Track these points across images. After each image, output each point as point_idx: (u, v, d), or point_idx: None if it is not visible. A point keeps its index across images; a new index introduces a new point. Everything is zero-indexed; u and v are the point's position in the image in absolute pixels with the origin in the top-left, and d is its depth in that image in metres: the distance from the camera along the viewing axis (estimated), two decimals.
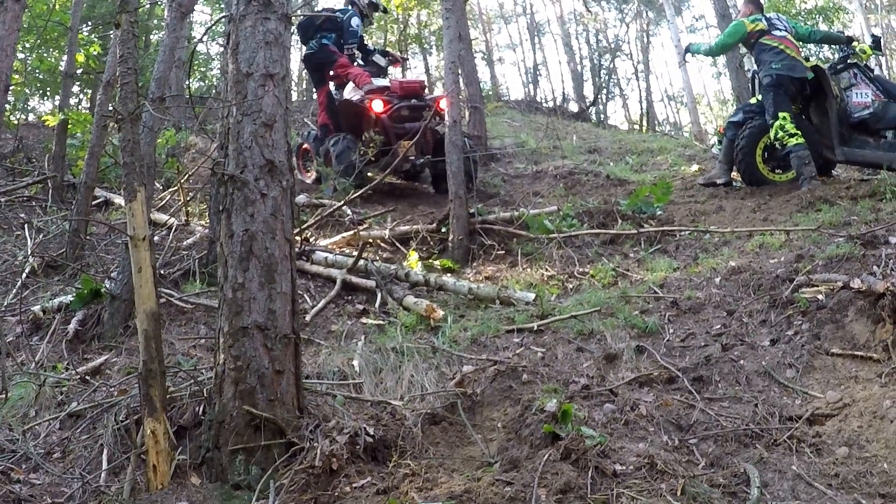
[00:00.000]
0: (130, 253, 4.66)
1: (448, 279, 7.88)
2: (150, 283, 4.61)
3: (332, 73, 12.95)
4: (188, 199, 10.53)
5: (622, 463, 4.02)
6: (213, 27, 15.31)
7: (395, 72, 14.08)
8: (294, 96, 25.04)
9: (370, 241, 9.38)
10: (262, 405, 4.50)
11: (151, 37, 20.32)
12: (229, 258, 4.67)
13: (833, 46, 14.22)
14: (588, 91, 34.80)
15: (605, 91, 35.81)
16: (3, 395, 4.51)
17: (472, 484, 3.90)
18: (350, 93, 12.60)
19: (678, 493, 3.73)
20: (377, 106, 11.75)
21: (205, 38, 21.23)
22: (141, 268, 4.60)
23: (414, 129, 11.49)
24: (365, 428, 4.50)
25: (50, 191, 11.51)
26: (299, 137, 14.16)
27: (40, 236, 9.95)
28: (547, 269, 8.26)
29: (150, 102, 6.97)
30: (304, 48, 13.61)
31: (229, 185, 4.76)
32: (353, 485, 4.09)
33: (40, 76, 18.32)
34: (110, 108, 9.00)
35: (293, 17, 5.38)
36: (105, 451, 4.83)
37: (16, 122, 16.97)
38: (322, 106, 13.39)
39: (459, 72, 10.45)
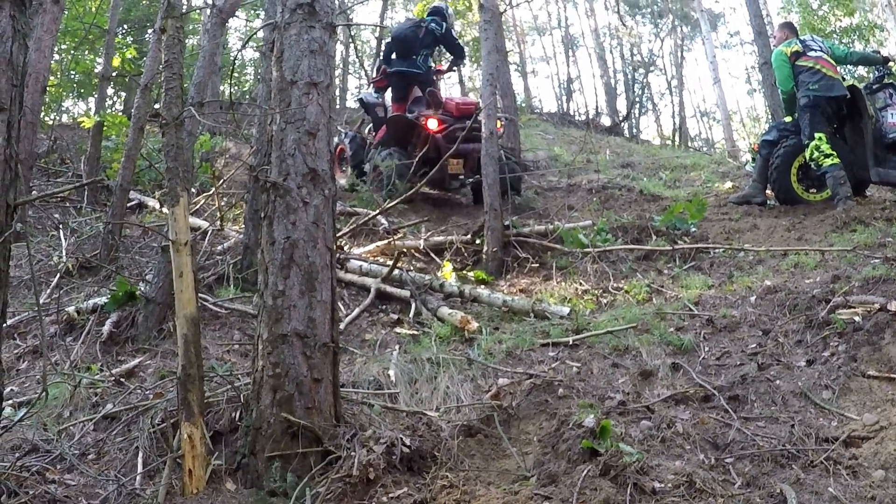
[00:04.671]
0: (172, 258, 4.69)
1: (482, 291, 7.87)
2: (190, 288, 4.64)
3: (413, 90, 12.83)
4: (223, 204, 10.57)
5: (660, 480, 4.00)
6: (254, 35, 15.30)
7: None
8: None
9: (404, 250, 9.38)
10: (300, 413, 4.51)
11: (187, 41, 20.45)
12: (270, 265, 4.70)
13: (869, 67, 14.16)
14: (621, 105, 34.79)
15: (638, 105, 35.77)
16: (43, 395, 4.53)
17: (509, 497, 3.90)
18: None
19: None
20: (432, 125, 11.74)
21: (246, 46, 21.36)
22: (182, 273, 4.62)
23: (466, 150, 11.47)
24: (401, 438, 4.50)
25: (85, 192, 11.58)
26: (335, 138, 14.06)
27: (74, 237, 10.01)
28: (581, 284, 8.23)
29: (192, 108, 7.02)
30: (401, 63, 13.02)
31: (271, 193, 4.79)
32: (390, 495, 4.10)
33: (75, 78, 18.46)
34: (147, 112, 9.07)
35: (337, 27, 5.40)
36: (140, 454, 4.84)
37: (50, 122, 17.09)
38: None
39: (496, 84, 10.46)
